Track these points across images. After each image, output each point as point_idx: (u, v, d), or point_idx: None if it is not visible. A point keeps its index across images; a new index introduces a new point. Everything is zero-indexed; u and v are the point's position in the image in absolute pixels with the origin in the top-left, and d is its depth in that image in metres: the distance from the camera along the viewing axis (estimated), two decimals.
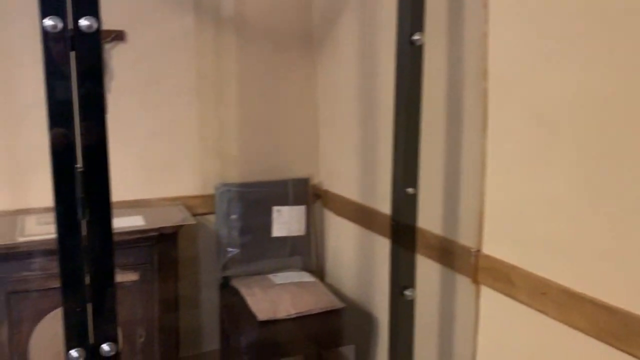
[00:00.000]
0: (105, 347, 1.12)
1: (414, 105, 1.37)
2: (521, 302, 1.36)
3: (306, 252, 2.35)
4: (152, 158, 2.15)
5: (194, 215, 2.12)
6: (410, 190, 1.39)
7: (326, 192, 2.40)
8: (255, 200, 2.23)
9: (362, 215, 2.11)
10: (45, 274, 1.78)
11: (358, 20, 2.07)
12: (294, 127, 2.39)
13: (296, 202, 2.31)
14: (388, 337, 1.48)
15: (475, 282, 1.51)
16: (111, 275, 1.13)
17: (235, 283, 2.15)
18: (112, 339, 1.13)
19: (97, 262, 1.11)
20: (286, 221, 2.28)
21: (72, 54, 1.01)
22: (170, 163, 2.19)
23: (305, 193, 2.35)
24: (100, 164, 1.08)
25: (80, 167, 1.05)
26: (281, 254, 2.30)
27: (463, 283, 1.55)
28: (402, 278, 1.44)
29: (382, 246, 1.99)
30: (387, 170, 1.93)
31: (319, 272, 2.39)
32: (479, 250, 1.50)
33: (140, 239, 1.88)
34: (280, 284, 2.09)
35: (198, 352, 2.30)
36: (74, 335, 1.11)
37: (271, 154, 2.35)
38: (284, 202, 2.28)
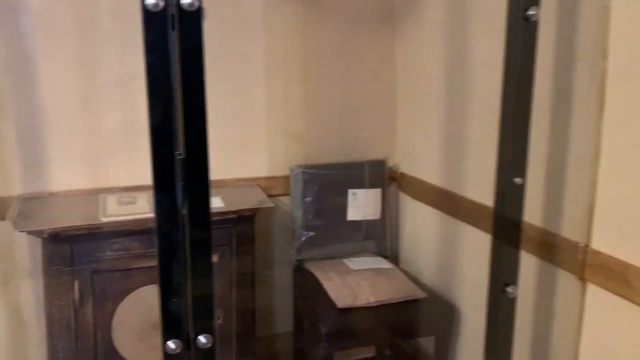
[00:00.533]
0: (202, 339, 1.08)
1: (525, 87, 1.25)
2: (638, 304, 1.24)
3: (381, 236, 2.27)
4: (227, 138, 2.11)
5: (269, 196, 2.07)
6: (517, 180, 1.28)
7: (403, 175, 2.30)
8: (330, 182, 2.16)
9: (444, 201, 2.01)
10: (127, 254, 1.78)
11: None
12: (370, 105, 2.28)
13: (372, 185, 2.23)
14: (485, 333, 1.39)
15: (582, 279, 1.39)
16: (209, 267, 1.09)
17: (309, 266, 2.10)
18: (209, 331, 1.09)
19: (195, 253, 1.06)
20: (361, 204, 2.21)
21: (173, 34, 0.96)
22: (245, 144, 2.14)
23: (382, 175, 2.26)
24: (200, 150, 1.03)
25: (180, 154, 1.00)
26: (355, 238, 2.23)
27: (567, 280, 1.44)
28: (503, 274, 1.34)
29: (467, 234, 1.89)
30: (476, 154, 1.82)
31: (393, 258, 2.32)
32: (587, 246, 1.37)
33: (219, 221, 1.85)
34: (357, 269, 2.03)
35: (271, 333, 2.28)
36: (172, 327, 1.07)
37: (346, 134, 2.27)
38: (359, 185, 2.20)
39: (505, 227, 1.32)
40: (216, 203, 1.90)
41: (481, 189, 1.79)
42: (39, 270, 1.90)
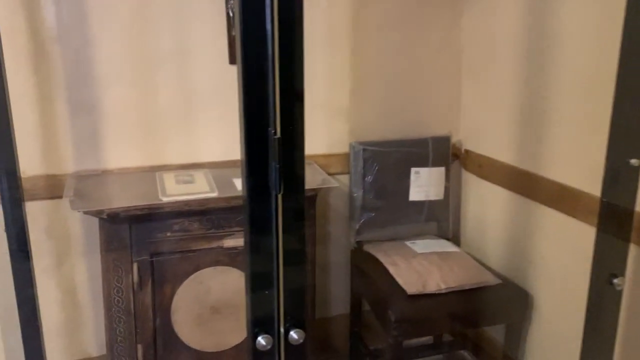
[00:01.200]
0: (294, 334, 0.99)
1: None
2: None
3: (443, 218, 2.15)
4: None
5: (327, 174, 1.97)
6: (633, 161, 1.14)
7: (467, 152, 2.17)
8: (392, 160, 2.04)
9: (518, 180, 1.88)
10: (187, 236, 1.70)
11: None
12: (433, 78, 2.14)
13: (435, 163, 2.10)
14: (583, 327, 1.27)
15: None
16: (303, 255, 0.99)
17: (370, 249, 2.00)
18: (301, 326, 1.00)
19: (288, 239, 0.97)
20: (424, 184, 2.09)
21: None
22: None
23: (446, 153, 2.13)
24: (297, 129, 0.92)
25: (274, 133, 0.90)
26: (417, 220, 2.12)
27: None
28: (609, 264, 1.22)
29: (545, 217, 1.76)
30: (561, 131, 1.68)
31: (455, 241, 2.20)
32: None
33: None
34: (422, 253, 1.92)
35: (327, 315, 2.20)
36: (262, 321, 0.99)
37: (408, 110, 2.13)
38: (422, 163, 2.08)
39: (615, 213, 1.19)
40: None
41: (565, 168, 1.66)
42: (94, 251, 1.84)
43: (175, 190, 1.69)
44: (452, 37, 2.12)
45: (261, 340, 0.98)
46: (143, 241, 1.67)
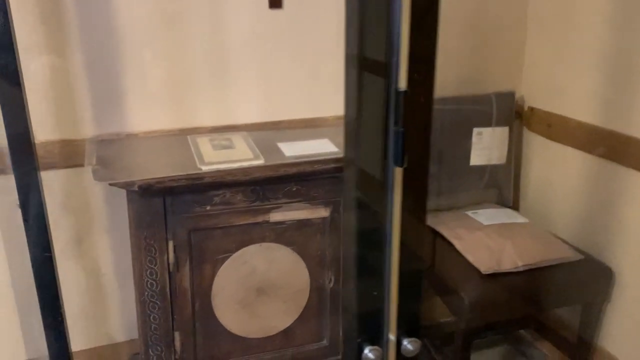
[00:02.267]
0: (408, 345, 0.78)
1: None
2: None
3: (505, 184, 1.93)
4: (315, 70, 1.74)
5: None
6: None
7: (532, 110, 1.92)
8: (453, 119, 1.80)
9: (599, 142, 1.64)
10: (229, 209, 1.47)
11: None
12: (494, 26, 1.88)
13: (499, 123, 1.86)
14: None
15: None
16: (421, 246, 0.77)
17: (428, 220, 1.78)
18: (416, 334, 0.79)
19: (407, 228, 0.74)
20: (487, 146, 1.85)
21: None
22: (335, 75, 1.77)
23: (510, 111, 1.88)
24: (427, 80, 0.68)
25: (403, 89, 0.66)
26: (477, 186, 1.89)
27: None
28: None
29: (633, 183, 1.54)
30: None
31: (516, 209, 1.98)
32: None
33: (333, 169, 1.52)
34: (489, 224, 1.70)
35: None
36: (370, 329, 0.77)
37: (465, 62, 1.88)
38: (486, 123, 1.84)
39: None
40: (327, 147, 1.56)
41: None
42: (120, 228, 1.62)
43: (214, 158, 1.46)
44: None
45: (368, 354, 0.77)
46: (179, 216, 1.44)
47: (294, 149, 1.53)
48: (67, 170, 1.56)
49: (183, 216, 1.44)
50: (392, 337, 0.78)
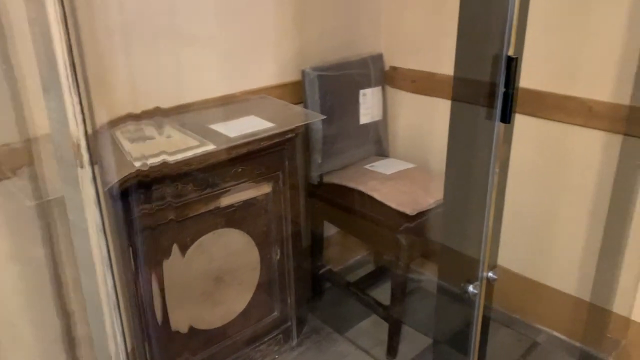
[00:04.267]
0: (492, 274, 0.93)
1: None
2: None
3: (384, 137, 2.17)
4: (227, 47, 1.71)
5: None
6: None
7: (395, 69, 2.18)
8: (343, 84, 1.94)
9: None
10: (182, 202, 1.39)
11: None
12: None
13: (375, 84, 2.07)
14: None
15: None
16: (504, 190, 0.91)
17: (337, 179, 1.92)
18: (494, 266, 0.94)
19: (503, 173, 0.87)
20: (369, 106, 2.05)
21: None
22: (244, 50, 1.76)
23: (382, 72, 2.11)
24: (522, 49, 0.81)
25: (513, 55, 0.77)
26: (365, 142, 2.09)
27: None
28: None
29: None
30: None
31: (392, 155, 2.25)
32: None
33: (272, 145, 1.54)
34: (391, 174, 1.92)
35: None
36: (470, 271, 0.90)
37: (336, 29, 2.02)
38: (367, 84, 2.03)
39: None
40: (260, 124, 1.57)
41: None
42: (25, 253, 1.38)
43: (156, 149, 1.35)
44: None
45: (472, 288, 0.90)
46: (136, 218, 1.31)
47: (233, 129, 1.50)
48: None
49: (138, 217, 1.32)
50: (487, 274, 0.92)
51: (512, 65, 0.76)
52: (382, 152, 2.18)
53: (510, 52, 0.76)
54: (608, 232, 1.62)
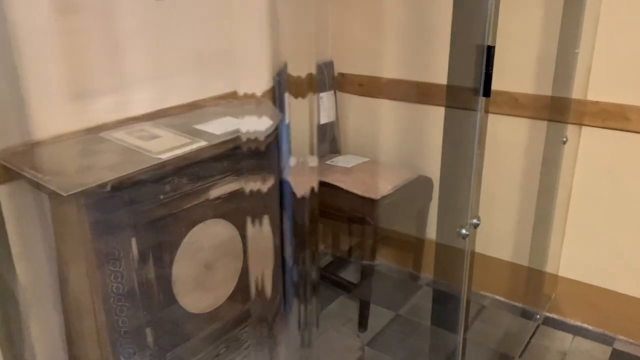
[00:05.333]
0: (475, 220, 1.16)
1: None
2: None
3: (336, 136, 2.39)
4: (197, 55, 1.86)
5: None
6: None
7: (343, 75, 2.41)
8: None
9: (405, 90, 2.24)
10: (178, 195, 1.52)
11: None
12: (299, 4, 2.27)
13: (329, 88, 2.29)
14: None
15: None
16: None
17: None
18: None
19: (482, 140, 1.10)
20: (326, 107, 2.27)
21: None
22: (213, 59, 1.92)
23: (332, 77, 2.33)
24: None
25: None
26: (324, 141, 2.30)
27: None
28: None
29: (432, 113, 2.19)
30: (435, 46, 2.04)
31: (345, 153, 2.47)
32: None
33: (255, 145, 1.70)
34: (351, 167, 2.14)
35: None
36: (462, 218, 1.12)
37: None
38: (323, 89, 2.24)
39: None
40: (237, 123, 1.72)
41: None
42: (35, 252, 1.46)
43: (159, 147, 1.48)
44: None
45: (464, 231, 1.12)
46: (139, 211, 1.43)
47: (216, 128, 1.65)
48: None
49: (141, 210, 1.44)
50: (474, 221, 1.15)
51: (491, 52, 1.00)
52: (335, 150, 2.40)
53: (490, 43, 1.00)
54: (539, 204, 1.92)
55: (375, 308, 2.16)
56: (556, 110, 1.76)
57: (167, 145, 1.49)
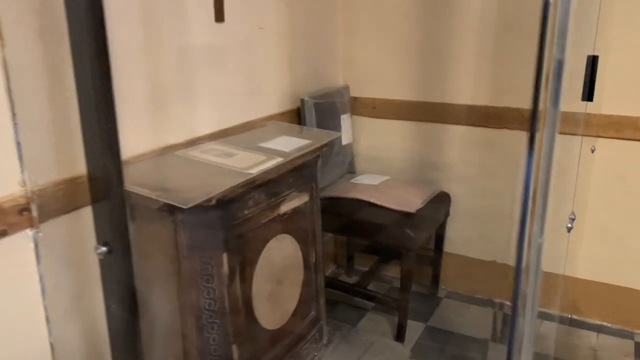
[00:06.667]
0: None
1: None
2: None
3: (353, 156, 2.48)
4: (241, 84, 1.91)
5: None
6: None
7: (355, 98, 2.52)
8: (329, 109, 2.23)
9: (416, 110, 2.38)
10: (258, 209, 1.55)
11: None
12: (315, 36, 2.37)
13: (348, 110, 2.39)
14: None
15: None
16: None
17: (332, 193, 2.18)
18: None
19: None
20: (347, 129, 2.36)
21: None
22: (254, 86, 1.97)
23: (349, 101, 2.43)
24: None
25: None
26: (343, 160, 2.39)
27: None
28: None
29: (451, 132, 2.35)
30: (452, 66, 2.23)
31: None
32: None
33: (310, 160, 1.76)
34: (379, 184, 2.23)
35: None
36: None
37: (310, 66, 2.32)
38: (344, 111, 2.34)
39: None
40: (298, 141, 1.78)
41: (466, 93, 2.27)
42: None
43: (244, 163, 1.50)
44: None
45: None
46: (228, 226, 1.44)
47: (282, 146, 1.70)
48: (66, 217, 1.29)
49: (230, 225, 1.45)
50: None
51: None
52: (352, 170, 2.49)
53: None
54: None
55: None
56: (576, 124, 1.96)
57: (249, 162, 1.52)
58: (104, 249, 1.10)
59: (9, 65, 1.11)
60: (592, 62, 1.17)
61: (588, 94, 1.19)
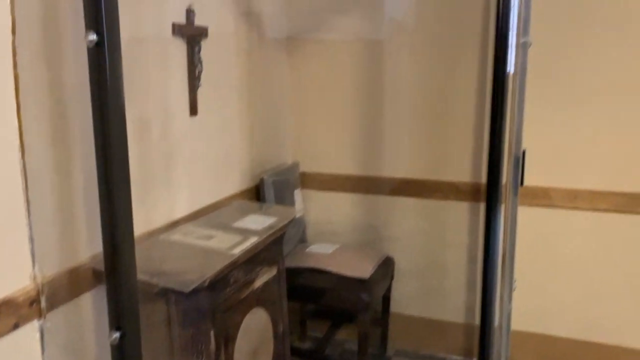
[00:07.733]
0: None
1: None
2: None
3: (303, 226, 2.67)
4: (205, 166, 2.08)
5: None
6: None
7: (304, 174, 2.74)
8: (285, 185, 2.43)
9: (361, 184, 2.64)
10: (237, 287, 1.68)
11: None
12: (265, 117, 2.60)
13: (298, 185, 2.60)
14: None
15: None
16: None
17: (292, 263, 2.34)
18: None
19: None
20: (298, 203, 2.56)
21: None
22: (218, 168, 2.14)
23: (299, 176, 2.65)
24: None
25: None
26: (297, 232, 2.57)
27: None
28: None
29: (392, 203, 2.62)
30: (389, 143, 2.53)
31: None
32: None
33: (276, 239, 1.93)
34: (331, 252, 2.43)
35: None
36: None
37: (264, 145, 2.52)
38: (295, 186, 2.54)
39: None
40: (265, 219, 1.95)
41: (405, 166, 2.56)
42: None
43: (225, 244, 1.65)
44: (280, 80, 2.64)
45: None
46: (214, 304, 1.57)
47: (253, 225, 1.86)
48: (69, 305, 1.37)
49: (217, 303, 1.57)
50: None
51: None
52: (304, 239, 2.68)
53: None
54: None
55: None
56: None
57: (228, 243, 1.67)
58: (117, 334, 1.20)
59: (27, 170, 1.22)
60: (523, 155, 1.47)
61: (520, 180, 1.49)
